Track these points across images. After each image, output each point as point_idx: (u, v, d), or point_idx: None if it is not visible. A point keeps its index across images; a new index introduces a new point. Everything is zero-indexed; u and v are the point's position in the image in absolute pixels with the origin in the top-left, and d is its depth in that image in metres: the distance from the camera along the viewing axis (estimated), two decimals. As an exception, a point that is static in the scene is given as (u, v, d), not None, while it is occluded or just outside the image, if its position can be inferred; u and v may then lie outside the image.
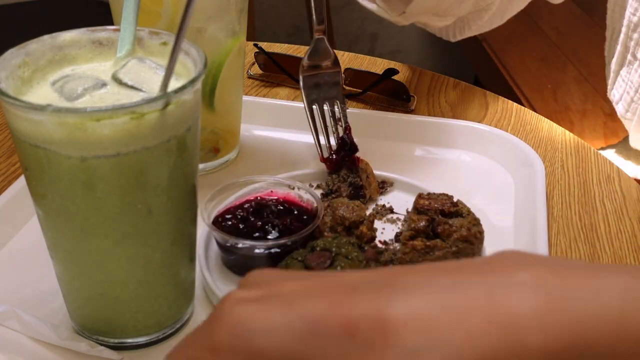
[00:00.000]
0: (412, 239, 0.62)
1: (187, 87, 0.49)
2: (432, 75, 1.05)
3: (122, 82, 0.52)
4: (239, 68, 0.80)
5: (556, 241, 0.71)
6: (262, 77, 1.03)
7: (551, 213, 0.75)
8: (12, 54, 0.52)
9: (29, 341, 0.58)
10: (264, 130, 0.90)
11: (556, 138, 0.90)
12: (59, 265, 0.55)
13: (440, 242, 0.61)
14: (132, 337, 0.57)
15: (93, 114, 0.45)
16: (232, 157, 0.84)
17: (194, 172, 0.55)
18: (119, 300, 0.55)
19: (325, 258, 0.59)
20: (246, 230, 0.65)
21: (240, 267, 0.65)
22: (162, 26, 0.70)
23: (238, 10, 0.75)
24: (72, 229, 0.51)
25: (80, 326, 0.58)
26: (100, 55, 0.57)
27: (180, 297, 0.59)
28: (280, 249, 0.64)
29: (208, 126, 0.80)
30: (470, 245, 0.62)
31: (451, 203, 0.64)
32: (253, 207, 0.68)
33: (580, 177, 0.81)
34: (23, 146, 0.49)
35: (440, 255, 0.61)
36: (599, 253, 0.69)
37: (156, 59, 0.56)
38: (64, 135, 0.46)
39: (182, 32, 0.47)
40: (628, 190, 0.79)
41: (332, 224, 0.66)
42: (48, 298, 0.62)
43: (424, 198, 0.65)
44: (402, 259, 0.62)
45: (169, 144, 0.49)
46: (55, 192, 0.50)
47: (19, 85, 0.52)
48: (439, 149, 0.86)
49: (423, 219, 0.62)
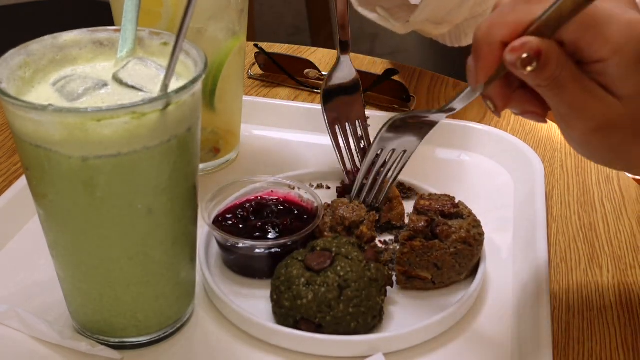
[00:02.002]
0: (411, 239, 0.62)
1: (188, 87, 0.49)
2: (432, 75, 1.05)
3: (122, 82, 0.53)
4: (239, 68, 0.80)
5: (555, 241, 0.71)
6: (262, 78, 1.03)
7: (550, 213, 0.75)
8: (13, 54, 0.52)
9: (30, 340, 0.58)
10: (264, 130, 0.90)
11: (555, 138, 0.90)
12: (60, 264, 0.55)
13: (438, 243, 0.61)
14: (133, 336, 0.57)
15: (94, 114, 0.46)
16: (232, 157, 0.84)
17: (194, 172, 0.55)
18: (120, 300, 0.55)
19: (325, 258, 0.59)
20: (246, 230, 0.65)
21: (241, 267, 0.65)
22: (163, 26, 0.71)
23: (238, 11, 0.75)
24: (72, 228, 0.51)
25: (81, 326, 0.59)
26: (101, 56, 0.57)
27: (181, 296, 0.59)
28: (280, 248, 0.64)
29: (208, 126, 0.80)
30: (469, 247, 0.62)
31: (452, 204, 0.64)
32: (253, 206, 0.68)
33: (580, 177, 0.82)
34: (24, 146, 0.49)
35: (439, 256, 0.61)
36: (598, 253, 0.70)
37: (157, 60, 0.56)
38: (65, 136, 0.46)
39: (183, 33, 0.48)
40: (627, 190, 0.79)
41: (332, 224, 0.66)
42: (49, 297, 0.62)
43: (425, 199, 0.65)
44: (400, 259, 0.62)
45: (169, 144, 0.49)
46: (56, 192, 0.50)
47: (20, 86, 0.52)
48: (438, 149, 0.86)
49: (422, 219, 0.63)
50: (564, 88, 0.48)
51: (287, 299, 0.58)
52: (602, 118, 0.48)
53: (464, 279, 0.64)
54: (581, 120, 0.49)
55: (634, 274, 0.67)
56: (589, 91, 0.48)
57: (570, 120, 0.50)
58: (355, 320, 0.57)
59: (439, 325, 0.59)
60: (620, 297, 0.64)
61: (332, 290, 0.57)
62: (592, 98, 0.48)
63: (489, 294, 0.64)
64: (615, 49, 0.46)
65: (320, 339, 0.57)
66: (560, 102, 0.49)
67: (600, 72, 0.48)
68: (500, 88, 0.52)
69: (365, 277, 0.58)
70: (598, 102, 0.48)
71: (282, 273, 0.60)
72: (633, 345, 0.59)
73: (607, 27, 0.46)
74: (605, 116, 0.48)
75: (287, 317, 0.58)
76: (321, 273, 0.58)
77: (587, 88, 0.48)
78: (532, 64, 0.46)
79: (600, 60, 0.47)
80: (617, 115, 0.48)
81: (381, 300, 0.59)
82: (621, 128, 0.49)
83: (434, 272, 0.62)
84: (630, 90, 0.48)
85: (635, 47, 0.46)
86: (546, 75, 0.47)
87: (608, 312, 0.62)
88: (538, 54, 0.46)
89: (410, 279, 0.63)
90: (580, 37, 0.47)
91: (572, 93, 0.48)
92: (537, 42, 0.46)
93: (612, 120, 0.48)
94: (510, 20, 0.48)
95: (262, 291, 0.63)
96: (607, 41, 0.46)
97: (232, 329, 0.60)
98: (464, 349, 0.59)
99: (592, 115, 0.49)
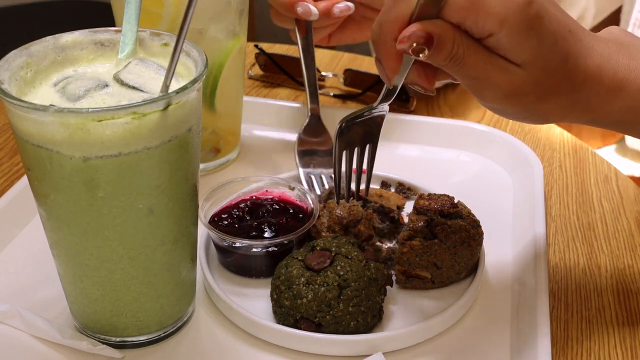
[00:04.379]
0: (411, 239, 0.62)
1: (188, 87, 0.49)
2: (432, 75, 1.05)
3: (123, 82, 0.53)
4: (240, 69, 0.80)
5: (554, 240, 0.72)
6: (263, 78, 1.04)
7: (549, 213, 0.75)
8: (14, 55, 0.53)
9: (31, 339, 0.59)
10: (264, 131, 0.91)
11: (554, 138, 0.90)
12: (61, 264, 0.56)
13: (438, 243, 0.62)
14: (134, 335, 0.58)
15: (95, 114, 0.46)
16: (232, 157, 0.84)
17: (194, 172, 0.55)
18: (121, 301, 0.55)
19: (325, 257, 0.59)
20: (242, 229, 0.65)
21: (237, 266, 0.66)
22: (163, 27, 0.71)
23: (238, 11, 0.75)
24: (73, 228, 0.52)
25: (82, 325, 0.59)
26: (102, 56, 0.57)
27: (182, 296, 0.59)
28: (276, 247, 0.64)
29: (209, 126, 0.81)
30: (469, 246, 0.62)
31: (451, 204, 0.64)
32: (249, 206, 0.68)
33: (578, 177, 0.82)
34: (25, 146, 0.49)
35: (438, 256, 0.62)
36: (596, 252, 0.70)
37: (157, 60, 0.56)
38: (66, 136, 0.47)
39: (183, 33, 0.48)
40: (625, 190, 0.79)
41: (330, 223, 0.66)
42: (50, 297, 0.62)
43: (424, 199, 0.65)
44: (400, 259, 0.62)
45: (170, 144, 0.50)
46: (57, 192, 0.50)
47: (22, 86, 0.52)
48: (437, 149, 0.86)
49: (422, 219, 0.63)
50: (466, 64, 0.50)
51: (287, 298, 0.58)
52: (507, 86, 0.51)
53: (463, 277, 0.64)
54: (490, 91, 0.52)
55: (632, 273, 0.67)
56: (491, 63, 0.50)
57: (480, 92, 0.53)
58: (355, 319, 0.57)
59: (439, 324, 0.59)
60: (619, 297, 0.64)
61: (331, 290, 0.57)
62: (494, 69, 0.50)
63: (488, 293, 0.64)
64: (501, 20, 0.48)
65: (320, 338, 0.57)
66: (466, 76, 0.52)
67: (495, 45, 0.50)
68: (421, 72, 0.54)
69: (364, 276, 0.58)
70: (501, 72, 0.50)
71: (282, 272, 0.60)
72: (631, 344, 0.59)
73: (489, 2, 0.48)
74: (510, 84, 0.51)
75: (287, 317, 0.58)
76: (321, 272, 0.58)
77: (488, 60, 0.50)
78: (423, 50, 0.49)
79: (491, 35, 0.49)
80: (520, 81, 0.51)
81: (381, 300, 0.59)
82: (527, 91, 0.51)
83: (434, 271, 0.62)
84: (526, 56, 0.50)
85: (519, 15, 0.48)
86: (444, 55, 0.50)
87: (606, 311, 0.63)
88: (428, 38, 0.49)
89: (410, 278, 0.63)
90: (465, 16, 0.49)
91: (475, 67, 0.50)
92: (421, 27, 0.49)
93: (517, 86, 0.51)
94: (394, 16, 0.50)
95: (262, 290, 0.63)
96: (491, 15, 0.48)
97: (232, 328, 0.60)
98: (463, 349, 0.59)
99: (498, 85, 0.51)
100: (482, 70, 0.51)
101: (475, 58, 0.50)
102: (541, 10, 0.49)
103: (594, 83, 0.53)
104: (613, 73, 0.53)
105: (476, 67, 0.50)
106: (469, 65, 0.50)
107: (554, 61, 0.51)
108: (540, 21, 0.49)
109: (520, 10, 0.48)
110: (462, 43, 0.50)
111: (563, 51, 0.51)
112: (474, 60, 0.50)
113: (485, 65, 0.50)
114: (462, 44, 0.50)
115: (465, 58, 0.50)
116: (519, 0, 0.49)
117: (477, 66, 0.50)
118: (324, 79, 1.01)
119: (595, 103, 0.54)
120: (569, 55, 0.51)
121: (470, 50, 0.50)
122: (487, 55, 0.50)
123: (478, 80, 0.51)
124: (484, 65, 0.50)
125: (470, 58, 0.50)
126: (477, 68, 0.50)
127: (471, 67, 0.51)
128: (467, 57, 0.50)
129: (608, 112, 0.54)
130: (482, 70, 0.51)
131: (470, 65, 0.50)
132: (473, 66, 0.50)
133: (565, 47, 0.51)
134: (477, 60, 0.50)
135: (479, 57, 0.50)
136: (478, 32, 0.49)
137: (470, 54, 0.50)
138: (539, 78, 0.51)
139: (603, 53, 0.53)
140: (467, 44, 0.50)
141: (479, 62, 0.50)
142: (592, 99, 0.53)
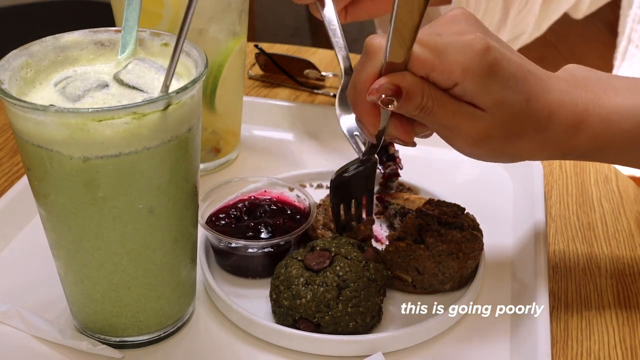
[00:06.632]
0: (400, 239, 0.61)
1: (188, 87, 0.49)
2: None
3: (123, 82, 0.53)
4: (240, 69, 0.80)
5: (554, 240, 0.72)
6: (263, 78, 1.03)
7: (549, 213, 0.75)
8: (14, 55, 0.53)
9: (31, 339, 0.59)
10: (264, 131, 0.91)
11: (554, 138, 0.90)
12: (61, 264, 0.56)
13: (423, 248, 0.61)
14: (134, 335, 0.58)
15: (95, 114, 0.46)
16: (232, 157, 0.84)
17: (195, 172, 0.55)
18: (121, 301, 0.55)
19: (324, 258, 0.59)
20: (239, 230, 0.65)
21: (234, 267, 0.66)
22: (163, 27, 0.71)
23: (238, 11, 0.76)
24: (74, 228, 0.52)
25: (82, 325, 0.59)
26: (102, 56, 0.57)
27: (182, 296, 0.59)
28: (273, 248, 0.64)
29: (209, 126, 0.81)
30: (456, 259, 0.61)
31: (454, 214, 0.63)
32: (246, 206, 0.68)
33: (578, 177, 0.82)
34: (25, 146, 0.49)
35: (421, 261, 0.61)
36: (596, 252, 0.70)
37: (157, 60, 0.56)
38: (66, 136, 0.47)
39: (183, 33, 0.48)
40: (625, 190, 0.79)
41: (326, 221, 0.66)
42: (50, 297, 0.62)
43: (431, 203, 0.64)
44: (384, 257, 0.62)
45: (170, 144, 0.50)
46: (57, 192, 0.50)
47: (22, 86, 0.52)
48: (437, 149, 0.86)
49: (417, 222, 0.62)
50: (436, 113, 0.53)
51: (286, 299, 0.58)
52: (475, 132, 0.54)
53: (448, 289, 0.63)
54: (459, 138, 0.55)
55: (632, 273, 0.67)
56: (459, 111, 0.53)
57: (452, 139, 0.56)
58: (354, 320, 0.57)
59: (438, 325, 0.59)
60: (619, 297, 0.64)
61: (330, 290, 0.57)
62: (462, 117, 0.54)
63: (488, 293, 0.64)
64: (463, 69, 0.51)
65: (319, 339, 0.57)
66: (437, 125, 0.55)
67: (461, 93, 0.53)
68: (399, 126, 0.57)
69: (364, 277, 0.58)
70: (469, 119, 0.53)
71: (281, 272, 0.60)
72: (631, 344, 0.59)
73: (451, 54, 0.52)
74: (478, 130, 0.54)
75: (286, 317, 0.58)
76: (320, 273, 0.58)
77: (456, 109, 0.53)
78: (392, 101, 0.52)
79: (457, 84, 0.52)
80: (488, 126, 0.54)
81: (380, 300, 0.59)
82: (495, 135, 0.55)
83: (415, 275, 0.62)
84: (490, 100, 0.53)
85: (478, 62, 0.52)
86: (414, 106, 0.53)
87: (606, 311, 0.63)
88: (396, 90, 0.52)
89: (392, 279, 0.62)
90: (430, 69, 0.52)
91: (445, 116, 0.54)
92: (389, 80, 0.52)
93: (485, 131, 0.54)
94: (365, 74, 0.54)
95: (261, 291, 0.63)
96: (454, 65, 0.51)
97: (232, 328, 0.60)
98: (463, 349, 0.59)
99: (467, 132, 0.54)
100: (451, 118, 0.54)
101: (444, 108, 0.53)
102: (498, 55, 0.52)
103: (558, 118, 0.55)
104: (574, 106, 0.55)
105: (445, 115, 0.53)
106: (439, 115, 0.53)
107: (517, 102, 0.53)
108: (499, 65, 0.52)
109: (479, 57, 0.51)
110: (431, 94, 0.53)
111: (525, 91, 0.54)
112: (443, 110, 0.53)
113: (454, 114, 0.53)
114: (430, 95, 0.53)
115: (434, 108, 0.53)
116: (477, 48, 0.52)
117: (447, 115, 0.53)
118: (323, 79, 1.01)
119: (563, 138, 0.56)
120: (531, 94, 0.54)
121: (438, 100, 0.53)
122: (455, 104, 0.53)
123: (448, 128, 0.54)
124: (452, 114, 0.53)
125: (440, 108, 0.53)
126: (447, 117, 0.53)
127: (441, 116, 0.53)
128: (437, 107, 0.53)
129: (576, 146, 0.57)
130: (451, 118, 0.54)
131: (439, 114, 0.53)
132: (442, 115, 0.53)
133: (526, 87, 0.54)
134: (446, 110, 0.53)
135: (447, 106, 0.53)
136: (444, 82, 0.52)
137: (439, 104, 0.53)
138: (505, 120, 0.54)
139: (562, 89, 0.56)
140: (435, 94, 0.53)
141: (448, 111, 0.53)
142: (560, 134, 0.56)
